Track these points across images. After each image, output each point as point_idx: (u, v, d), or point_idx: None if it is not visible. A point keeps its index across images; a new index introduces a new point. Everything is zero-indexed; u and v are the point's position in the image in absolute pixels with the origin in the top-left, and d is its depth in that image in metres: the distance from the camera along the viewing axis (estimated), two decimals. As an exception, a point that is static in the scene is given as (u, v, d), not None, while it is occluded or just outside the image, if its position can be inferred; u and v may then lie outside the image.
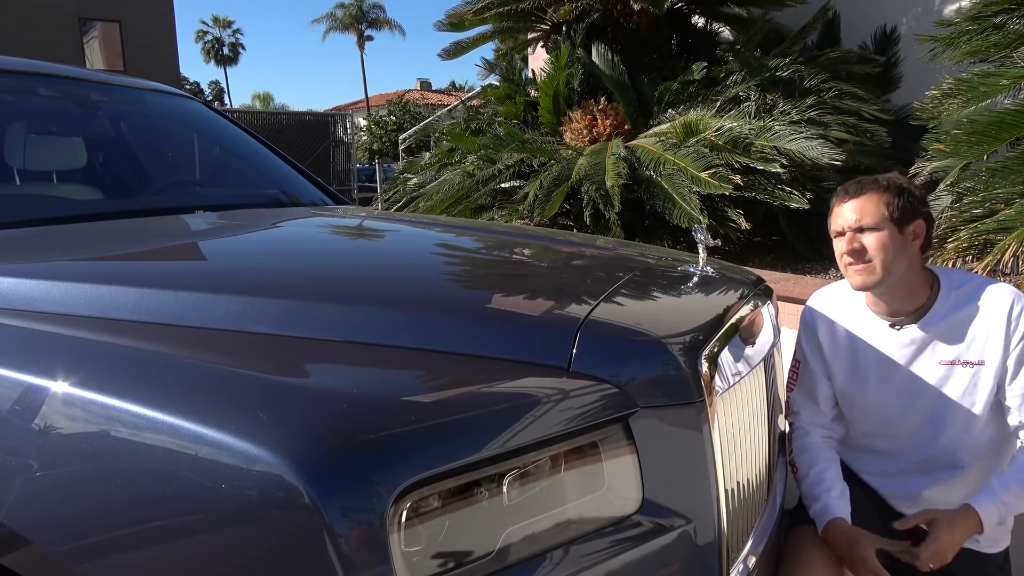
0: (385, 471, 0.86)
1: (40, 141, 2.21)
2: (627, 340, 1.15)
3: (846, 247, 1.59)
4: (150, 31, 19.37)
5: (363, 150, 23.98)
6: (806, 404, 1.79)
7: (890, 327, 1.65)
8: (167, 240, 1.76)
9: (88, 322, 1.14)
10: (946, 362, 1.60)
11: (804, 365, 1.79)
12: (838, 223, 1.62)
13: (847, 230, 1.59)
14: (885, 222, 1.56)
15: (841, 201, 1.62)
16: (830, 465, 1.71)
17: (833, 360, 1.74)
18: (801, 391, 1.80)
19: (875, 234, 1.56)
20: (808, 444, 1.75)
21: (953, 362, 1.60)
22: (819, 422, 1.78)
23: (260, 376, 1.00)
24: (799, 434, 1.78)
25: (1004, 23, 3.90)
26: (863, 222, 1.57)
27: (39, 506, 0.98)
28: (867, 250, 1.56)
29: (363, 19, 48.92)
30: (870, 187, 1.59)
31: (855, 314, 1.71)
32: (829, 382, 1.76)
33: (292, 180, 2.57)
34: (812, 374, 1.77)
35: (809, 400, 1.78)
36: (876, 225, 1.56)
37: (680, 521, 1.11)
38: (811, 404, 1.78)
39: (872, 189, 1.59)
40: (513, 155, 5.57)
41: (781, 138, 4.83)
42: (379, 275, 1.49)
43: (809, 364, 1.78)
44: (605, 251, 1.90)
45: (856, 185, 1.62)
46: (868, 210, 1.57)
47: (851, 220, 1.58)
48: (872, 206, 1.57)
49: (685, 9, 6.67)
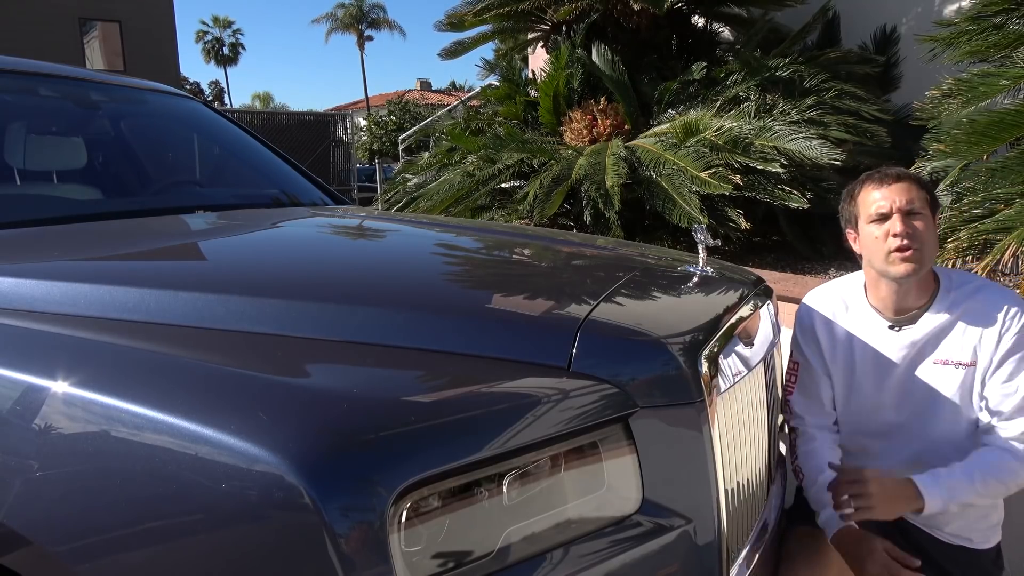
0: (385, 471, 0.87)
1: (40, 141, 2.21)
2: (627, 340, 1.15)
3: (900, 228, 1.51)
4: (150, 31, 19.37)
5: (363, 150, 23.96)
6: (809, 406, 1.74)
7: (889, 328, 1.64)
8: (167, 240, 1.76)
9: (88, 322, 1.14)
10: (939, 362, 1.60)
11: (804, 366, 1.75)
12: (880, 206, 1.55)
13: (897, 211, 1.53)
14: (927, 209, 1.54)
15: (881, 184, 1.56)
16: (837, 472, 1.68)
17: (831, 360, 1.72)
18: (802, 393, 1.75)
19: (923, 219, 1.53)
20: (814, 449, 1.71)
21: (946, 362, 1.59)
22: (824, 423, 1.74)
23: (260, 376, 1.00)
24: (804, 439, 1.73)
25: (1004, 23, 3.91)
26: (915, 205, 1.53)
27: (39, 506, 0.98)
28: (918, 234, 1.52)
29: (363, 19, 48.91)
30: (907, 175, 1.57)
31: (854, 314, 1.69)
32: (830, 380, 1.74)
33: (292, 180, 2.57)
34: (813, 373, 1.74)
35: (812, 401, 1.74)
36: (922, 210, 1.53)
37: (680, 521, 1.11)
38: (815, 405, 1.74)
39: (910, 177, 1.56)
40: (513, 155, 5.57)
41: (781, 138, 4.84)
42: (379, 275, 1.49)
43: (810, 364, 1.74)
44: (605, 251, 1.90)
45: (894, 171, 1.58)
46: (916, 194, 1.54)
47: (902, 202, 1.53)
48: (917, 191, 1.54)
49: (685, 9, 6.67)
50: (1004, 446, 1.54)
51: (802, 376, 1.76)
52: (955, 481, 1.52)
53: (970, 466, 1.54)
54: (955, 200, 3.82)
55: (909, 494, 1.51)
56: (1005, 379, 1.54)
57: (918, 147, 4.33)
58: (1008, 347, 1.54)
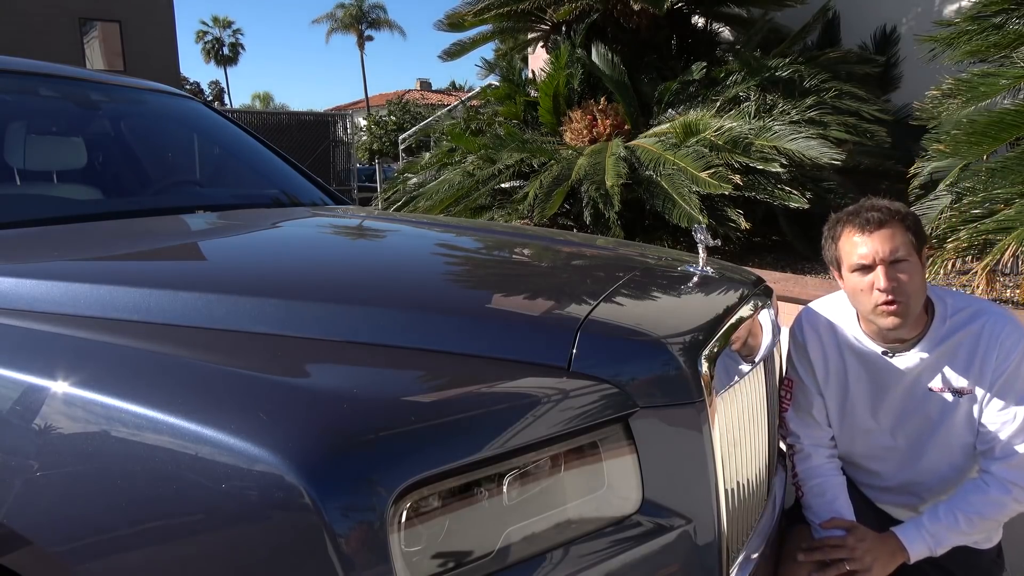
0: (385, 471, 0.87)
1: (40, 141, 2.21)
2: (627, 340, 1.15)
3: (884, 284, 1.45)
4: (150, 31, 19.36)
5: (363, 150, 23.98)
6: (805, 424, 1.72)
7: (883, 354, 1.60)
8: (167, 240, 1.75)
9: (88, 322, 1.14)
10: (936, 389, 1.57)
11: (798, 384, 1.72)
12: (862, 255, 1.48)
13: (880, 263, 1.46)
14: (913, 253, 1.48)
15: (864, 230, 1.48)
16: (840, 493, 1.66)
17: (824, 381, 1.69)
18: (797, 411, 1.72)
19: (908, 267, 1.46)
20: (814, 470, 1.69)
21: (942, 389, 1.56)
22: (821, 441, 1.72)
23: (260, 376, 1.00)
24: (801, 458, 1.71)
25: (1004, 23, 3.91)
26: (899, 254, 1.45)
27: (39, 506, 0.98)
28: (903, 287, 1.46)
29: (363, 19, 48.93)
30: (891, 216, 1.48)
31: (847, 339, 1.65)
32: (823, 400, 1.71)
33: (292, 180, 2.57)
34: (807, 392, 1.71)
35: (808, 419, 1.72)
36: (908, 256, 1.46)
37: (680, 521, 1.11)
38: (810, 422, 1.71)
39: (893, 218, 1.48)
40: (513, 155, 5.57)
41: (781, 138, 4.84)
42: (379, 275, 1.49)
43: (803, 382, 1.71)
44: (605, 251, 1.90)
45: (877, 213, 1.49)
46: (900, 240, 1.46)
47: (885, 252, 1.45)
48: (900, 236, 1.46)
49: (685, 9, 6.67)
50: (999, 475, 1.52)
51: (796, 394, 1.73)
52: (938, 527, 1.52)
53: (953, 507, 1.53)
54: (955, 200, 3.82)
55: (893, 548, 1.53)
56: (1002, 407, 1.53)
57: (918, 147, 4.33)
58: (1006, 374, 1.51)
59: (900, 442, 1.64)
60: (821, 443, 1.72)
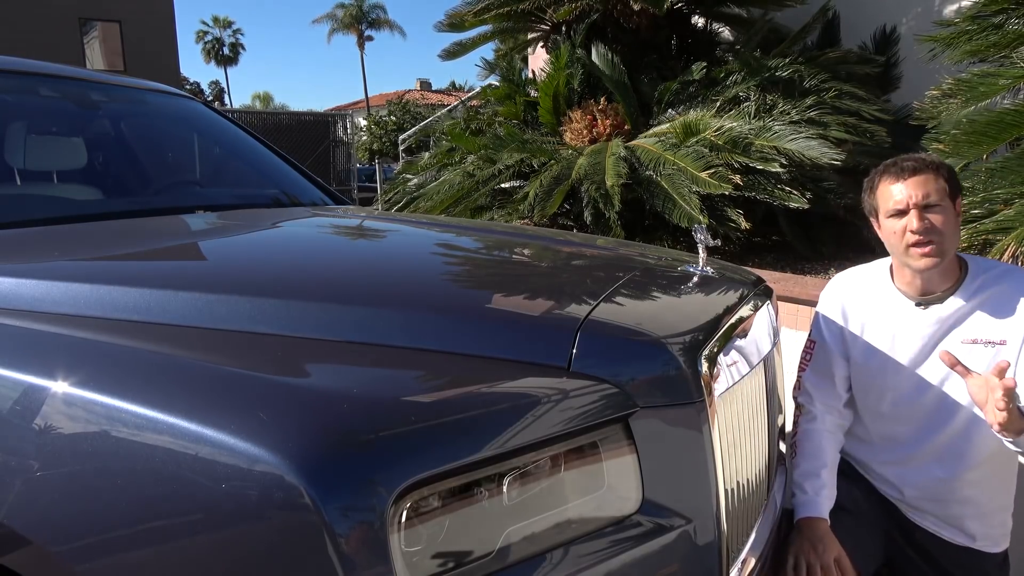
0: (385, 471, 0.87)
1: (40, 141, 2.21)
2: (627, 340, 1.15)
3: (917, 225, 1.53)
4: (150, 31, 19.36)
5: (363, 150, 23.98)
6: (820, 383, 1.75)
7: (916, 306, 1.64)
8: (167, 240, 1.75)
9: (88, 322, 1.14)
10: (968, 341, 1.58)
11: (820, 345, 1.76)
12: (897, 201, 1.56)
13: (913, 207, 1.53)
14: (947, 199, 1.54)
15: (898, 178, 1.56)
16: (828, 463, 1.70)
17: (853, 341, 1.72)
18: (815, 371, 1.77)
19: (941, 212, 1.53)
20: (815, 431, 1.72)
21: (975, 341, 1.58)
22: (832, 404, 1.75)
23: (260, 376, 1.00)
24: (807, 418, 1.75)
25: (1003, 23, 3.90)
26: (931, 199, 1.53)
27: (40, 506, 0.98)
28: (936, 228, 1.53)
29: (363, 19, 48.92)
30: (925, 165, 1.56)
31: (880, 294, 1.70)
32: (846, 363, 1.74)
33: (292, 180, 2.57)
34: (828, 353, 1.74)
35: (824, 379, 1.75)
36: (941, 202, 1.53)
37: (680, 521, 1.11)
38: (826, 383, 1.75)
39: (928, 167, 1.55)
40: (513, 155, 5.57)
41: (781, 138, 4.83)
42: (379, 275, 1.49)
43: (826, 343, 1.75)
44: (605, 251, 1.90)
45: (911, 162, 1.57)
46: (933, 187, 1.53)
47: (918, 196, 1.53)
48: (934, 183, 1.54)
49: (685, 9, 6.67)
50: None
51: (817, 354, 1.77)
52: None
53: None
54: (955, 200, 3.81)
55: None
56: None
57: (918, 147, 4.32)
58: None
59: (929, 399, 1.64)
60: (832, 408, 1.75)
